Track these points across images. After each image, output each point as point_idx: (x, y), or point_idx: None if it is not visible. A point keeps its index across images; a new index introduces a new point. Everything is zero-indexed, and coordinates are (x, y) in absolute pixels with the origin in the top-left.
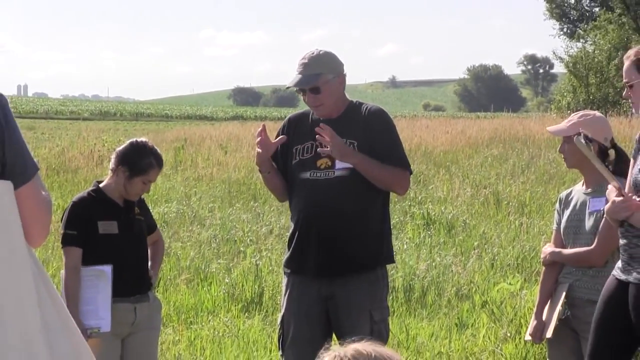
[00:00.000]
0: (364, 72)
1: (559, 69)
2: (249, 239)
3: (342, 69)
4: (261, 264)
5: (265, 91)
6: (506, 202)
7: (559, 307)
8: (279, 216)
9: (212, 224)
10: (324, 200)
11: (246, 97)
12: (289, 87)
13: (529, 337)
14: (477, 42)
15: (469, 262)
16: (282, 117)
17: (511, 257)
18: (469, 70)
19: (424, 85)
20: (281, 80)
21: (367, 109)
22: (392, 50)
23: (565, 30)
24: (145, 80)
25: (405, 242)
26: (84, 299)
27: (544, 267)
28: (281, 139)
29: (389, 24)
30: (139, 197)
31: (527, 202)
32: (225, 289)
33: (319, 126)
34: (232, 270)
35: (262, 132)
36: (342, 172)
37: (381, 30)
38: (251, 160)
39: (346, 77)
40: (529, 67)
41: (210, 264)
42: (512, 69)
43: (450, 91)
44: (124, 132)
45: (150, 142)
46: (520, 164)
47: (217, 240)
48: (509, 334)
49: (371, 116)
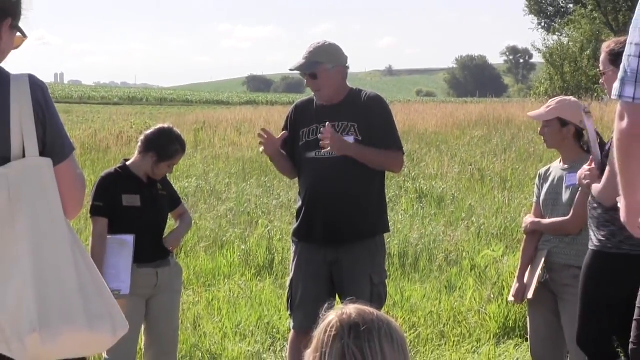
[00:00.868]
0: (364, 61)
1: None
2: (261, 211)
3: (343, 60)
4: (272, 233)
5: (275, 79)
6: (490, 177)
7: (538, 271)
8: (288, 190)
9: (228, 197)
10: (329, 177)
11: (258, 84)
12: (291, 69)
13: (512, 299)
14: (465, 35)
15: (457, 231)
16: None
17: (495, 227)
18: (457, 60)
19: (417, 73)
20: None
21: (366, 95)
22: (389, 42)
23: (542, 24)
24: (168, 68)
25: (400, 214)
26: (108, 264)
27: (525, 236)
28: (284, 134)
29: (386, 19)
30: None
31: (509, 178)
32: (239, 256)
33: (322, 111)
34: (246, 238)
35: (266, 134)
36: (351, 142)
37: (380, 24)
38: None
39: (348, 69)
40: (511, 57)
41: (226, 233)
42: (496, 59)
43: (440, 79)
44: (150, 116)
45: (175, 129)
46: (502, 143)
47: (233, 212)
48: (492, 296)
49: (370, 102)
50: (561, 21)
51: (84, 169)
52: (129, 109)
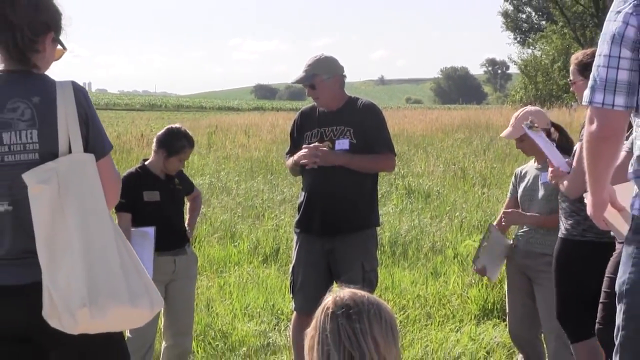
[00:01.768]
0: (358, 72)
1: (514, 70)
2: (267, 205)
3: (340, 71)
4: (277, 225)
5: (280, 87)
6: (471, 176)
7: (486, 245)
8: (291, 187)
9: (238, 193)
10: (326, 177)
11: (265, 92)
12: (293, 82)
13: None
14: (449, 48)
15: (442, 223)
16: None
17: (475, 219)
18: (442, 71)
19: (406, 83)
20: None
21: (362, 103)
22: (382, 54)
23: (518, 39)
24: (185, 78)
25: (391, 208)
26: None
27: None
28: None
29: (379, 34)
30: (177, 171)
31: (488, 176)
32: (248, 245)
33: (323, 117)
34: (254, 230)
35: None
36: (340, 152)
37: (373, 38)
38: (268, 143)
39: (345, 78)
40: (490, 68)
41: (236, 225)
42: (476, 70)
43: (427, 88)
44: (168, 120)
45: (183, 127)
46: (482, 145)
47: (242, 206)
48: (473, 281)
49: (365, 108)
50: (535, 36)
51: None
52: (150, 114)
